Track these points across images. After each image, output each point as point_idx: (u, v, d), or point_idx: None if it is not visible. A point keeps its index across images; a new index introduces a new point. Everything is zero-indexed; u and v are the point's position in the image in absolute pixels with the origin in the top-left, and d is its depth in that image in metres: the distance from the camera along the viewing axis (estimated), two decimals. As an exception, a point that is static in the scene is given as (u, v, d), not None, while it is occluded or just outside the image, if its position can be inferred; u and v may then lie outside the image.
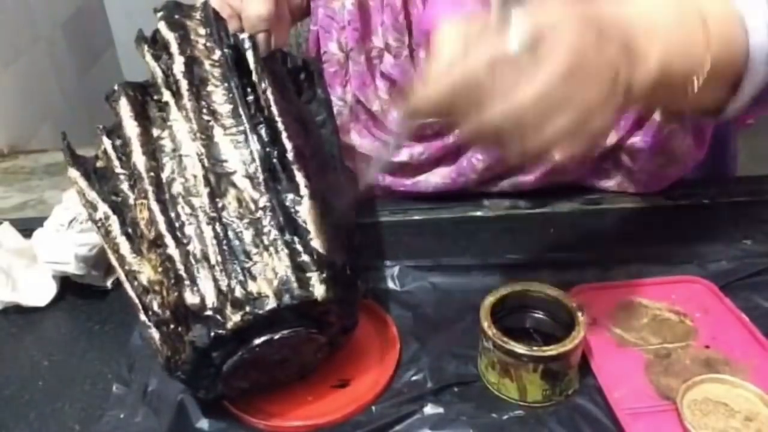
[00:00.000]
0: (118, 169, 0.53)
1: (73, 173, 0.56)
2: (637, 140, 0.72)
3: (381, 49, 0.71)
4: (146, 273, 0.50)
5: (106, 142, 0.54)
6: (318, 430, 0.52)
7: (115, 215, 0.52)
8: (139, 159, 0.52)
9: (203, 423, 0.52)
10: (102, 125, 0.55)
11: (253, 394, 0.53)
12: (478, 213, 0.76)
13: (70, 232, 0.65)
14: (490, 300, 0.54)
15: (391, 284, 0.65)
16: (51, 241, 0.65)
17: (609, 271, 0.64)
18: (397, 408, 0.52)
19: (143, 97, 0.55)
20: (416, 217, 0.75)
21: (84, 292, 0.66)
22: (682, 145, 0.72)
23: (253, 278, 0.47)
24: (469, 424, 0.51)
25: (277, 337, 0.48)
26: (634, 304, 0.60)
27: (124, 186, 0.52)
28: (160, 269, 0.49)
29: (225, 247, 0.48)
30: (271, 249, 0.48)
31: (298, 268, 0.48)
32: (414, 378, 0.55)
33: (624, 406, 0.51)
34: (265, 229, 0.49)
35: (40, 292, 0.66)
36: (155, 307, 0.49)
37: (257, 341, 0.48)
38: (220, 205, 0.49)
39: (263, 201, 0.49)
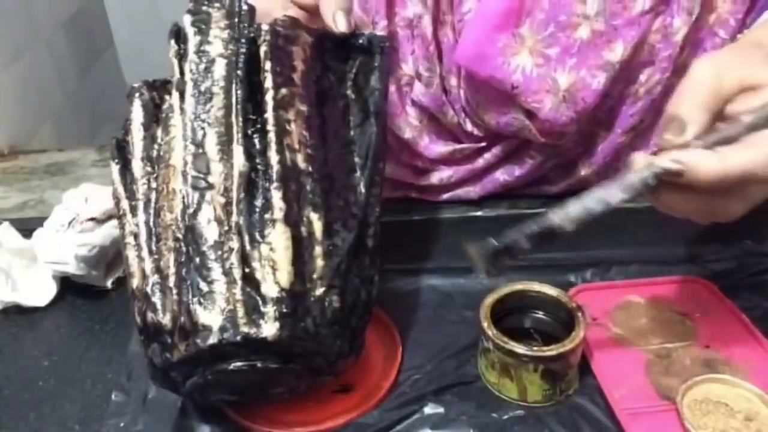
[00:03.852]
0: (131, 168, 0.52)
1: (113, 166, 0.53)
2: None
3: (411, 77, 0.71)
4: (136, 279, 0.48)
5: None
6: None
7: (131, 214, 0.50)
8: (137, 165, 0.51)
9: (205, 430, 0.52)
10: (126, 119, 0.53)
11: (249, 403, 0.52)
12: (479, 213, 0.76)
13: (70, 232, 0.65)
14: (490, 300, 0.54)
15: (391, 286, 0.65)
16: (51, 241, 0.65)
17: (609, 271, 0.64)
18: (398, 408, 0.52)
19: (161, 96, 0.52)
20: (416, 218, 0.75)
21: (84, 292, 0.66)
22: None
23: (205, 307, 0.44)
24: (469, 424, 0.51)
25: (230, 368, 0.45)
26: (634, 304, 0.60)
27: (134, 187, 0.51)
28: (142, 281, 0.48)
29: (184, 270, 0.45)
30: (230, 276, 0.44)
31: (253, 302, 0.44)
32: (414, 378, 0.55)
33: (624, 406, 0.51)
34: (226, 255, 0.45)
35: (40, 292, 0.66)
36: (135, 314, 0.48)
37: (209, 371, 0.46)
38: (189, 223, 0.46)
39: (231, 222, 0.45)
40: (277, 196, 0.46)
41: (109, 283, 0.67)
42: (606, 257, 0.66)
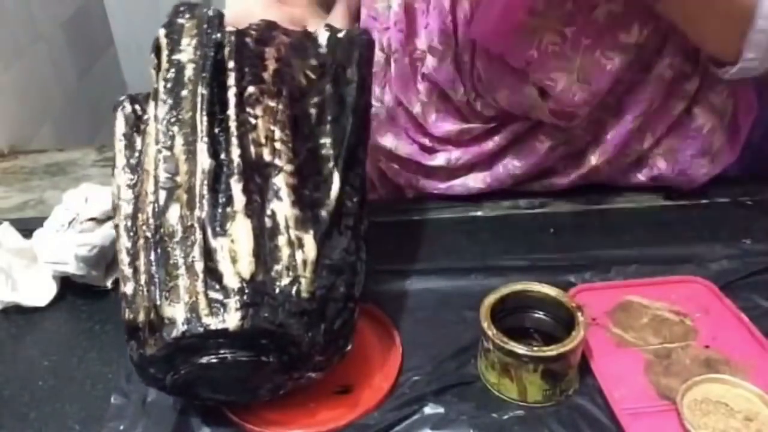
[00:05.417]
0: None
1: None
2: (672, 142, 0.73)
3: (423, 51, 0.71)
4: (122, 281, 0.49)
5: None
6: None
7: (125, 222, 0.51)
8: (118, 173, 0.52)
9: (204, 432, 0.52)
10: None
11: (241, 402, 0.52)
12: (479, 213, 0.76)
13: (70, 232, 0.65)
14: (490, 300, 0.54)
15: (391, 287, 0.65)
16: (51, 241, 0.65)
17: (609, 271, 0.64)
18: (398, 409, 0.52)
19: (143, 108, 0.54)
20: (416, 218, 0.75)
21: (84, 292, 0.66)
22: (716, 143, 0.73)
23: (170, 301, 0.45)
24: (469, 424, 0.51)
25: (201, 361, 0.46)
26: (634, 304, 0.60)
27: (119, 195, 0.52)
28: (124, 281, 0.49)
29: (153, 268, 0.46)
30: (192, 270, 0.45)
31: (215, 293, 0.44)
32: (414, 378, 0.55)
33: (624, 406, 0.51)
34: (188, 249, 0.46)
35: (40, 292, 0.66)
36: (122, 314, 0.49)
37: (182, 366, 0.46)
38: (158, 222, 0.47)
39: (194, 218, 0.46)
40: (237, 189, 0.47)
41: (109, 283, 0.67)
42: (606, 257, 0.66)
